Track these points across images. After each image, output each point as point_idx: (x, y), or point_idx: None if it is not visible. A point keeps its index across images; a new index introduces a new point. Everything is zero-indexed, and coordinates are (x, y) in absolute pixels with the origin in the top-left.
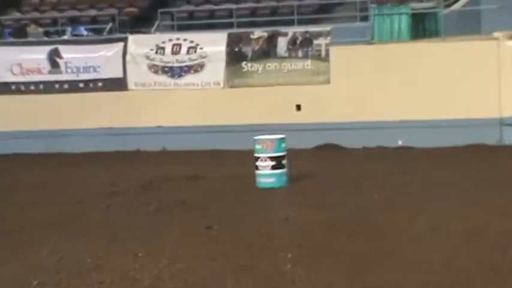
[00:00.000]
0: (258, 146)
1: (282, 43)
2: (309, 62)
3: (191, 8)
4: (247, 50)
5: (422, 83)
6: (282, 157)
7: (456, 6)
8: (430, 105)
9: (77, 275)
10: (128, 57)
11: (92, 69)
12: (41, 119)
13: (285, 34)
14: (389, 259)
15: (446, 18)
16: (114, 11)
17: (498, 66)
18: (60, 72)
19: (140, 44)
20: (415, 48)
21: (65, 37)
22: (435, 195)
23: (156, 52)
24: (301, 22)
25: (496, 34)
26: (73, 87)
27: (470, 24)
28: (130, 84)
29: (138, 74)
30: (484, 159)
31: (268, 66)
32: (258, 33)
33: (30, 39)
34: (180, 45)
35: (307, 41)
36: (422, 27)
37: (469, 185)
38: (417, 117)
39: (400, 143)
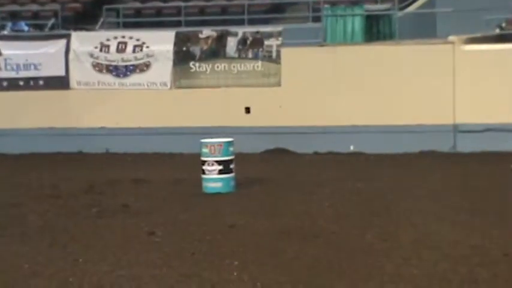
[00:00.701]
0: (205, 150)
1: (231, 43)
2: (259, 63)
3: (138, 5)
4: (196, 50)
5: (375, 87)
6: (230, 161)
7: (411, 9)
8: (383, 110)
9: (13, 281)
10: (70, 55)
11: (32, 66)
12: None
13: (235, 34)
14: (340, 268)
15: (401, 20)
16: (56, 6)
17: (453, 71)
18: (0, 69)
19: (84, 41)
20: (369, 50)
21: (5, 32)
22: (387, 202)
23: (101, 50)
24: (252, 22)
25: (451, 38)
26: (12, 85)
27: (425, 28)
28: (73, 83)
29: (81, 73)
30: (437, 166)
31: (217, 67)
32: (206, 32)
33: None
34: (125, 43)
35: (258, 41)
36: (377, 29)
37: (421, 192)
38: (370, 123)
39: (352, 148)
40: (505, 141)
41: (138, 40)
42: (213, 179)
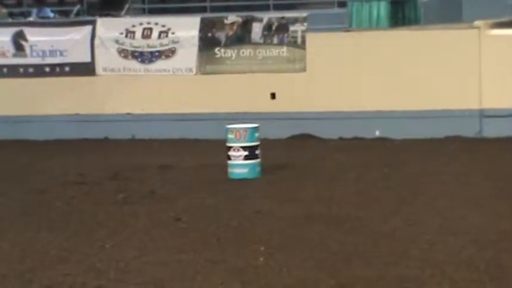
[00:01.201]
0: (230, 135)
1: (256, 29)
2: (284, 49)
3: None
4: (221, 36)
5: (400, 72)
6: (256, 147)
7: None
8: (408, 96)
9: (40, 267)
10: (96, 41)
11: (58, 53)
12: (4, 104)
13: (260, 20)
14: (365, 254)
15: (427, 5)
16: None
17: (479, 56)
18: (25, 56)
19: (109, 28)
20: (394, 36)
21: (31, 19)
22: (413, 188)
23: (126, 36)
24: (277, 7)
25: (477, 23)
26: (38, 71)
27: (451, 12)
28: (99, 69)
29: (107, 59)
30: (462, 151)
31: (242, 53)
32: (232, 18)
33: None
34: (151, 29)
35: (283, 27)
36: (402, 14)
37: (447, 178)
38: (395, 108)
39: (377, 133)
40: None
41: (163, 26)
42: (239, 165)
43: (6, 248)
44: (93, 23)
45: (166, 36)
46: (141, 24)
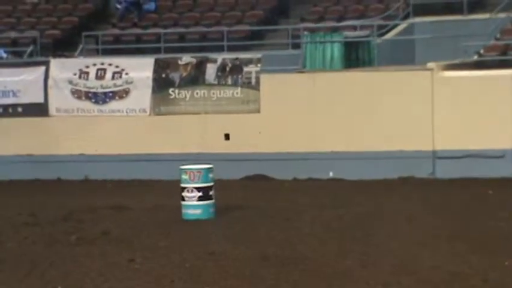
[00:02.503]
0: (184, 176)
1: (211, 70)
2: (238, 89)
3: (117, 31)
4: (175, 77)
5: (354, 113)
6: (210, 188)
7: (390, 36)
8: (362, 136)
9: None
10: (49, 82)
11: (11, 93)
12: None
13: (214, 60)
14: None
15: (380, 47)
16: (35, 33)
17: (432, 97)
18: None
19: (63, 68)
20: (348, 77)
21: None
22: (367, 229)
23: (80, 77)
24: (231, 48)
25: (430, 65)
26: None
27: (404, 54)
28: (52, 109)
29: (60, 100)
30: (415, 192)
31: (197, 94)
32: (186, 59)
33: None
34: (104, 70)
35: (237, 68)
36: (356, 56)
37: (401, 218)
38: (349, 149)
39: (331, 174)
40: (483, 167)
41: (117, 67)
42: (193, 206)
43: None
44: (46, 63)
45: (120, 77)
46: (94, 64)
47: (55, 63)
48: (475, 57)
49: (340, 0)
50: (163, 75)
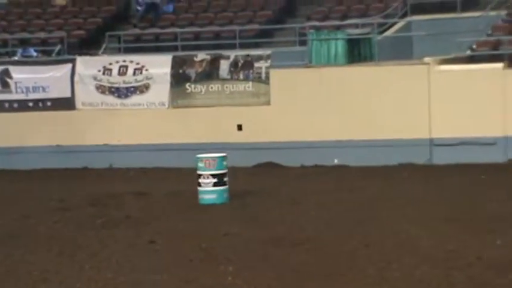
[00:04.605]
0: (200, 164)
1: (224, 66)
2: (250, 84)
3: (137, 31)
4: (191, 72)
5: (357, 104)
6: (224, 174)
7: (389, 33)
8: (364, 126)
9: (24, 287)
10: (76, 78)
11: (41, 89)
12: None
13: (227, 57)
14: (325, 271)
15: (380, 43)
16: (63, 33)
17: (428, 89)
18: (10, 92)
19: (88, 65)
20: (351, 71)
21: (15, 58)
22: (370, 211)
23: (104, 73)
24: (242, 46)
25: (426, 59)
26: (22, 106)
27: (403, 50)
28: (78, 103)
29: (85, 94)
30: (414, 177)
31: (211, 88)
32: (201, 56)
33: None
34: (126, 66)
35: (248, 64)
36: (358, 52)
37: (401, 201)
38: (352, 137)
39: (336, 161)
40: (476, 153)
41: (138, 64)
42: (208, 191)
43: None
44: (73, 61)
45: (141, 73)
46: (117, 62)
47: (81, 61)
48: (468, 52)
49: (343, 1)
50: (180, 71)
